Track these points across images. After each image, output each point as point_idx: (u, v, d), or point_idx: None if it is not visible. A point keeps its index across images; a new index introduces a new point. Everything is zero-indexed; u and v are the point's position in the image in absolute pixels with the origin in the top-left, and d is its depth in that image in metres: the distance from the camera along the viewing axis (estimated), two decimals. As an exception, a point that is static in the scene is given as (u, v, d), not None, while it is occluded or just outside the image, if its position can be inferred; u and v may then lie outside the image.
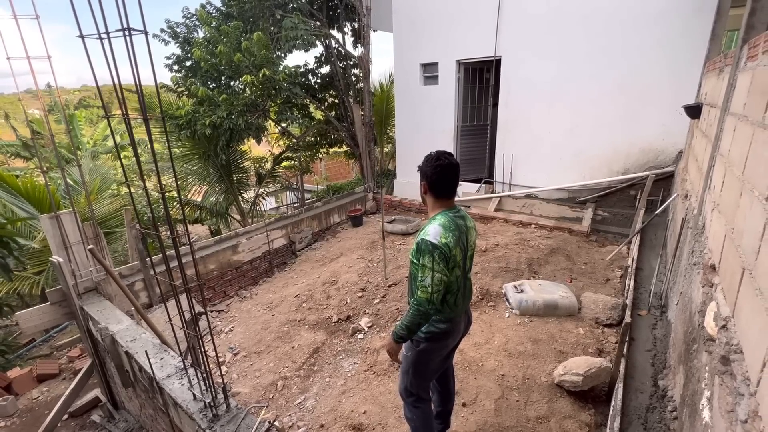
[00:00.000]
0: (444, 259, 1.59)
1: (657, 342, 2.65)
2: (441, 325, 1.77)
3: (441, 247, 1.58)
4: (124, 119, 1.58)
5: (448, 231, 1.63)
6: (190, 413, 2.16)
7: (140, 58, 1.51)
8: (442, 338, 1.81)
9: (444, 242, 1.60)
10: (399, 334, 1.68)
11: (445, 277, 1.60)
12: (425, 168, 1.71)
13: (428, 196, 1.76)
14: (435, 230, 1.62)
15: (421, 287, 1.59)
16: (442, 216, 1.68)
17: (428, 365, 1.88)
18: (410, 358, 1.86)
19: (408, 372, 1.89)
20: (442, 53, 6.67)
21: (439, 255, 1.58)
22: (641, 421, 2.02)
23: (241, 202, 8.04)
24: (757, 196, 1.29)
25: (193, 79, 6.00)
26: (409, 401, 1.97)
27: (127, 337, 2.94)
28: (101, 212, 5.12)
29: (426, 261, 1.58)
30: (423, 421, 1.98)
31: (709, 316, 1.59)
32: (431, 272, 1.57)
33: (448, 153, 1.73)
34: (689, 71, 4.54)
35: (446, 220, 1.66)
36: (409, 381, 1.91)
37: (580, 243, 4.92)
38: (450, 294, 1.72)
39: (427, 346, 1.80)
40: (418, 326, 1.67)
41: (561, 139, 5.79)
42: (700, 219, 2.39)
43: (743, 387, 1.09)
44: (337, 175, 16.23)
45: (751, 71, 1.72)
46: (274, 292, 4.74)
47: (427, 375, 1.92)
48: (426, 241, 1.59)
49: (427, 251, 1.58)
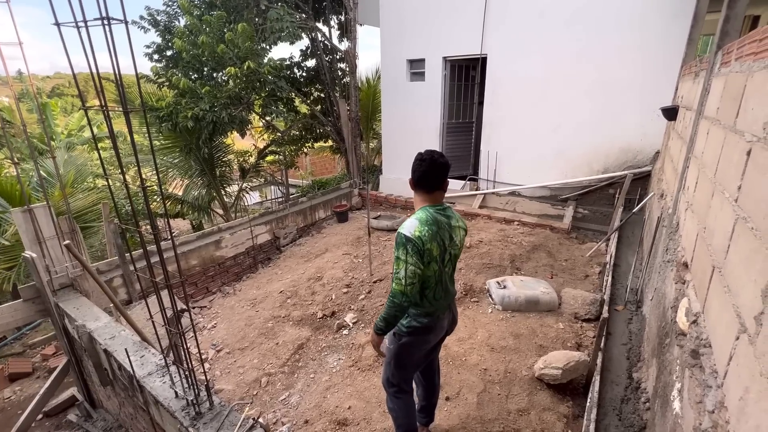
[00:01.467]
0: (417, 251, 1.62)
1: (632, 336, 2.75)
2: (422, 320, 1.80)
3: (414, 239, 1.61)
4: (103, 111, 1.54)
5: (423, 225, 1.66)
6: (171, 411, 2.13)
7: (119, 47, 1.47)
8: (424, 333, 1.84)
9: (417, 235, 1.62)
10: (378, 326, 1.74)
11: (418, 270, 1.62)
12: (413, 164, 1.77)
13: (414, 191, 1.81)
14: (411, 224, 1.66)
15: (396, 279, 1.63)
16: (423, 211, 1.73)
17: (409, 359, 1.92)
18: (392, 350, 1.91)
19: (390, 363, 1.94)
20: (429, 49, 6.68)
21: (412, 247, 1.61)
22: (616, 412, 2.10)
23: (224, 197, 7.90)
24: (727, 198, 1.35)
25: (174, 70, 5.83)
26: (390, 392, 2.02)
27: (105, 334, 2.87)
28: (77, 206, 4.95)
29: (400, 253, 1.62)
30: (404, 412, 2.02)
31: (681, 312, 1.66)
32: (405, 264, 1.61)
33: (438, 153, 1.76)
34: (667, 74, 4.68)
35: (425, 214, 1.70)
36: (390, 372, 1.96)
37: (561, 240, 5.04)
38: (428, 289, 1.75)
39: (409, 340, 1.84)
40: (395, 318, 1.70)
41: (544, 138, 5.90)
42: (674, 218, 2.48)
43: (711, 379, 1.15)
44: (323, 170, 16.11)
45: (724, 77, 1.79)
46: (258, 288, 4.70)
47: (408, 368, 1.96)
48: (401, 234, 1.64)
49: (401, 244, 1.62)
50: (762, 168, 1.05)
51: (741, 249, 1.11)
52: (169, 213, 8.13)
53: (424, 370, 2.13)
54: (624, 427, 2.00)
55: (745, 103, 1.35)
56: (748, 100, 1.32)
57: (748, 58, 1.41)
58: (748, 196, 1.14)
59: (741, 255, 1.10)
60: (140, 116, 6.30)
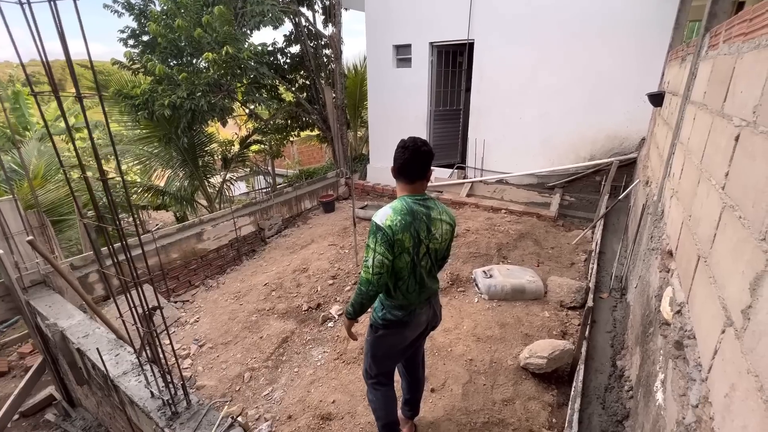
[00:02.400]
0: (387, 241, 1.56)
1: (616, 323, 2.75)
2: (396, 313, 1.75)
3: (384, 228, 1.56)
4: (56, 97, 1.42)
5: (396, 214, 1.60)
6: (147, 412, 2.05)
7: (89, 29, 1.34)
8: (398, 327, 1.78)
9: (388, 224, 1.57)
10: (348, 310, 1.75)
11: (386, 260, 1.57)
12: (395, 152, 1.70)
13: (396, 179, 1.75)
14: (384, 212, 1.61)
15: (364, 267, 1.61)
16: (400, 200, 1.67)
17: (385, 352, 1.88)
18: (369, 341, 1.88)
19: (368, 355, 1.92)
20: (415, 35, 6.52)
21: (381, 236, 1.56)
22: (600, 400, 2.10)
23: (207, 188, 7.70)
24: (714, 185, 1.30)
25: (150, 56, 5.56)
26: (369, 383, 2.00)
27: (78, 333, 2.76)
28: (49, 198, 4.75)
29: (370, 241, 1.59)
30: (382, 404, 1.99)
31: (665, 301, 1.64)
32: (373, 253, 1.57)
33: (422, 140, 1.67)
34: (653, 60, 4.65)
35: (401, 204, 1.64)
36: (368, 364, 1.93)
37: (547, 228, 5.04)
38: (401, 281, 1.68)
39: (384, 332, 1.80)
40: (362, 305, 1.68)
41: (531, 125, 5.85)
42: (659, 205, 2.46)
43: (695, 372, 1.12)
44: (310, 160, 15.88)
45: (711, 60, 1.74)
46: (242, 281, 4.60)
47: (385, 361, 1.92)
48: (373, 222, 1.60)
49: (372, 232, 1.59)
50: (751, 153, 1.00)
51: (728, 239, 1.07)
52: (151, 205, 7.92)
53: (407, 364, 2.09)
54: (607, 415, 1.99)
55: (734, 86, 1.29)
56: (736, 84, 1.27)
57: (738, 39, 1.36)
58: (736, 183, 1.09)
59: (728, 245, 1.06)
60: (119, 105, 6.05)
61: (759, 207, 0.89)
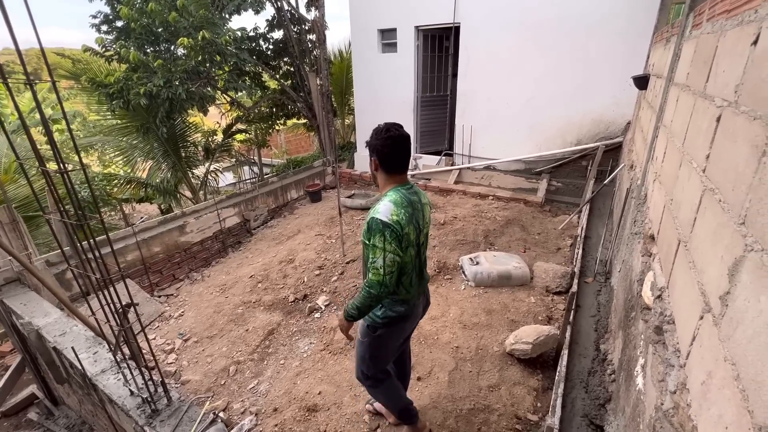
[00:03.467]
0: (396, 237, 1.49)
1: (600, 307, 2.77)
2: (398, 308, 1.69)
3: (392, 225, 1.48)
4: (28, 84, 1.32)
5: (399, 208, 1.52)
6: (126, 410, 2.01)
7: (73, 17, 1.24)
8: (400, 322, 1.73)
9: (396, 220, 1.49)
10: (350, 313, 1.61)
11: (398, 257, 1.50)
12: (375, 142, 1.58)
13: (379, 173, 1.65)
14: (386, 207, 1.51)
15: (373, 269, 1.49)
16: (394, 192, 1.58)
17: (385, 350, 1.82)
18: (366, 343, 1.78)
19: (365, 358, 1.82)
20: (400, 18, 6.37)
21: (390, 234, 1.47)
22: (583, 384, 2.12)
23: (191, 179, 7.53)
24: (695, 168, 1.28)
25: (123, 42, 5.32)
26: (367, 384, 1.93)
27: (55, 331, 2.68)
28: (22, 193, 4.57)
29: (377, 241, 1.47)
30: (390, 394, 1.96)
31: (647, 286, 1.63)
32: (383, 252, 1.47)
33: (398, 124, 1.60)
34: (639, 43, 4.62)
35: (398, 196, 1.56)
36: (365, 366, 1.85)
37: (534, 213, 5.05)
38: (405, 275, 1.64)
39: (384, 331, 1.72)
40: (369, 308, 1.58)
41: (518, 111, 5.81)
42: (642, 189, 2.45)
43: (674, 358, 1.11)
44: (298, 149, 15.65)
45: (695, 39, 1.70)
46: (227, 274, 4.53)
47: (385, 360, 1.87)
48: (376, 220, 1.48)
49: (378, 230, 1.47)
50: (732, 135, 0.97)
51: (708, 223, 1.04)
52: (134, 198, 7.72)
53: (396, 358, 2.07)
54: (590, 399, 2.01)
55: (716, 66, 1.26)
56: (719, 63, 1.24)
57: (721, 16, 1.31)
58: (717, 165, 1.06)
59: (707, 229, 1.03)
60: (97, 94, 5.81)
61: (739, 190, 0.86)
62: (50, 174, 1.54)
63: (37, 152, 1.48)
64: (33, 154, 1.60)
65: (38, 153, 1.48)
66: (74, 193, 1.52)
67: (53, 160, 6.86)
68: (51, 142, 1.38)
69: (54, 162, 1.44)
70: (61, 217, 1.53)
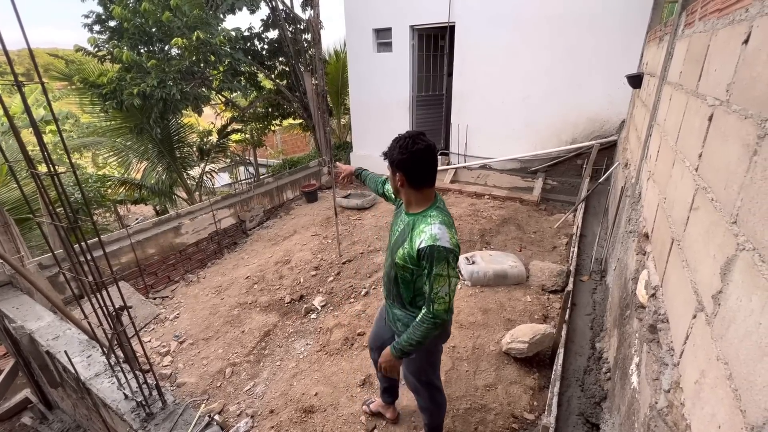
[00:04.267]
0: (456, 260, 1.42)
1: (596, 306, 2.78)
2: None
3: (455, 250, 1.39)
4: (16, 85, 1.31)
5: (451, 228, 1.44)
6: (120, 414, 1.99)
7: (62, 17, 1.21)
8: (442, 335, 1.72)
9: (455, 242, 1.40)
10: (405, 350, 1.51)
11: (457, 279, 1.43)
12: (400, 158, 1.41)
13: (407, 189, 1.48)
14: (441, 232, 1.37)
15: (439, 299, 1.39)
16: (438, 213, 1.45)
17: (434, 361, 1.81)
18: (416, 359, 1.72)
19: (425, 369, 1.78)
20: (395, 18, 6.36)
21: (453, 259, 1.39)
22: (579, 383, 2.12)
23: (186, 180, 7.48)
24: (687, 167, 1.28)
25: (116, 42, 5.28)
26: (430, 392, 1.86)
27: (48, 334, 2.65)
28: (14, 196, 4.53)
29: (442, 269, 1.37)
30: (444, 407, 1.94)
31: (641, 284, 1.63)
32: (448, 279, 1.38)
33: (422, 134, 1.47)
34: (634, 41, 4.63)
35: (445, 216, 1.45)
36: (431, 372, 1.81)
37: (530, 212, 5.06)
38: None
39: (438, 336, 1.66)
40: (428, 339, 1.49)
41: (514, 109, 5.82)
42: (637, 187, 2.46)
43: (668, 357, 1.11)
44: (294, 149, 15.60)
45: (687, 38, 1.71)
46: (223, 275, 4.51)
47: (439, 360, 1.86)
48: (439, 248, 1.35)
49: (443, 258, 1.36)
50: (724, 134, 0.97)
51: (700, 221, 1.05)
52: (129, 199, 7.66)
53: None
54: (586, 397, 2.01)
55: (708, 64, 1.26)
56: (711, 62, 1.24)
57: (713, 15, 1.32)
58: (709, 164, 1.06)
59: (700, 228, 1.04)
60: (90, 95, 5.76)
61: (730, 189, 0.86)
62: (40, 176, 1.52)
63: (26, 154, 1.46)
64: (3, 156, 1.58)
65: (27, 155, 1.47)
66: (65, 195, 1.50)
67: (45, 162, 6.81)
68: (40, 143, 1.36)
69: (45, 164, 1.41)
70: (51, 220, 1.52)
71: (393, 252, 1.55)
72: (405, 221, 1.52)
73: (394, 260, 1.52)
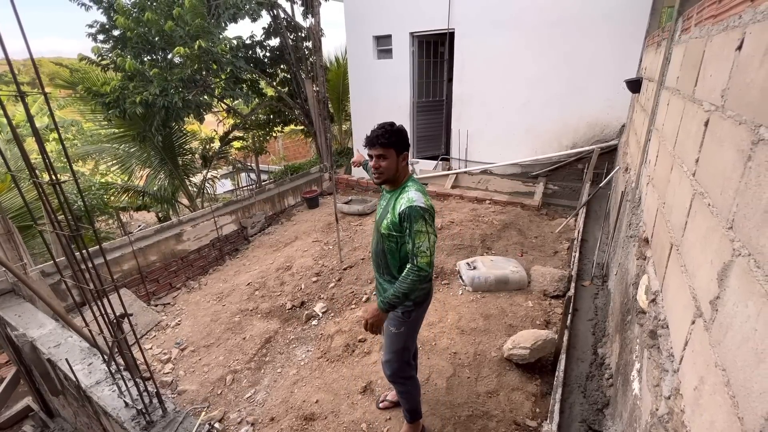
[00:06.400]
0: (432, 220, 1.64)
1: (598, 311, 2.77)
2: (425, 286, 1.80)
3: (429, 209, 1.63)
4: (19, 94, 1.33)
5: (425, 195, 1.69)
6: (121, 422, 1.98)
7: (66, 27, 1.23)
8: (427, 299, 1.87)
9: (429, 204, 1.66)
10: (391, 302, 1.66)
11: (435, 237, 1.65)
12: (406, 138, 1.74)
13: (403, 163, 1.77)
14: (418, 195, 1.65)
15: (420, 253, 1.60)
16: (412, 182, 1.75)
17: (416, 333, 1.96)
18: (402, 332, 1.86)
19: (404, 348, 1.90)
20: (395, 25, 6.42)
21: (429, 217, 1.62)
22: (581, 389, 2.10)
23: (189, 187, 7.52)
24: (685, 171, 1.28)
25: (120, 51, 5.34)
26: (401, 379, 1.98)
27: (49, 342, 2.66)
28: (18, 203, 4.56)
29: (420, 226, 1.60)
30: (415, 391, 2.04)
31: (641, 289, 1.63)
32: (427, 235, 1.60)
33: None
34: (633, 46, 4.65)
35: (418, 185, 1.73)
36: (400, 357, 1.90)
37: (531, 217, 5.06)
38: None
39: (417, 312, 1.85)
40: (413, 292, 1.67)
41: (514, 115, 5.83)
42: (637, 192, 2.46)
43: (668, 363, 1.10)
44: (296, 155, 15.66)
45: (684, 44, 1.72)
46: (224, 281, 4.51)
47: (412, 345, 1.97)
48: (416, 207, 1.60)
49: (420, 216, 1.60)
50: (719, 139, 0.98)
51: (698, 226, 1.05)
52: (131, 206, 7.71)
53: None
54: (588, 404, 1.99)
55: (704, 70, 1.27)
56: (706, 67, 1.25)
57: (708, 21, 1.33)
58: (706, 169, 1.07)
59: (698, 233, 1.04)
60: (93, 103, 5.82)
61: (726, 194, 0.86)
62: (42, 185, 1.54)
63: (29, 163, 1.48)
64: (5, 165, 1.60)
65: (29, 163, 1.48)
66: (67, 204, 1.51)
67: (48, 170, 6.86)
68: (42, 152, 1.38)
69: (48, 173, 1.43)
70: (53, 228, 1.53)
71: (379, 225, 1.78)
72: (386, 198, 1.80)
73: (381, 232, 1.75)
